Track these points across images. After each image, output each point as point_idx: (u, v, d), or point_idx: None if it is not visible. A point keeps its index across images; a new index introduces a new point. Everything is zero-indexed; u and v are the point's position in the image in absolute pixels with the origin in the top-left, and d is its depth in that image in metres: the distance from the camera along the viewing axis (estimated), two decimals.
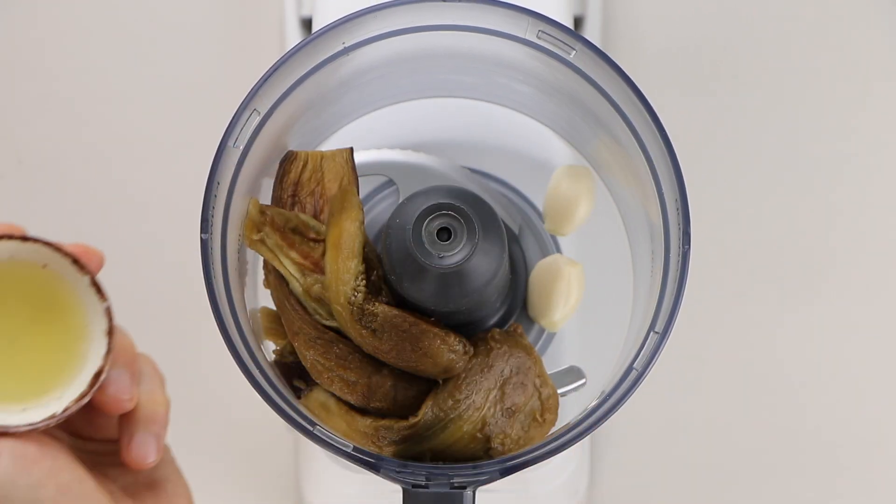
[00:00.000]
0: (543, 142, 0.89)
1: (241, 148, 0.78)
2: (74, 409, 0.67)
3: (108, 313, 0.69)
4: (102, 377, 0.68)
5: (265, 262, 0.79)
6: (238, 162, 0.78)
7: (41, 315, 0.69)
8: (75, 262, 0.69)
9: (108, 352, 0.68)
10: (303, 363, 0.79)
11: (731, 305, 1.14)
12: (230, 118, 0.77)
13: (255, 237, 0.79)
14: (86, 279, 0.69)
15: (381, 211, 0.87)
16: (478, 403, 0.78)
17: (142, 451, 0.69)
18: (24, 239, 0.68)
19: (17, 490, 0.64)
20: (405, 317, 0.77)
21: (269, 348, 0.81)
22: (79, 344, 0.69)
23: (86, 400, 0.67)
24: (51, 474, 0.65)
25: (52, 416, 0.67)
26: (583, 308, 0.86)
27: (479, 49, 0.80)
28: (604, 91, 0.78)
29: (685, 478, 1.13)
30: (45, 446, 0.66)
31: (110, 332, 0.69)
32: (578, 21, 1.14)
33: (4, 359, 0.68)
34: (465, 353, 0.78)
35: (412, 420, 0.78)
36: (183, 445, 0.90)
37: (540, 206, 0.88)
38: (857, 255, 1.14)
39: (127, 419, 0.69)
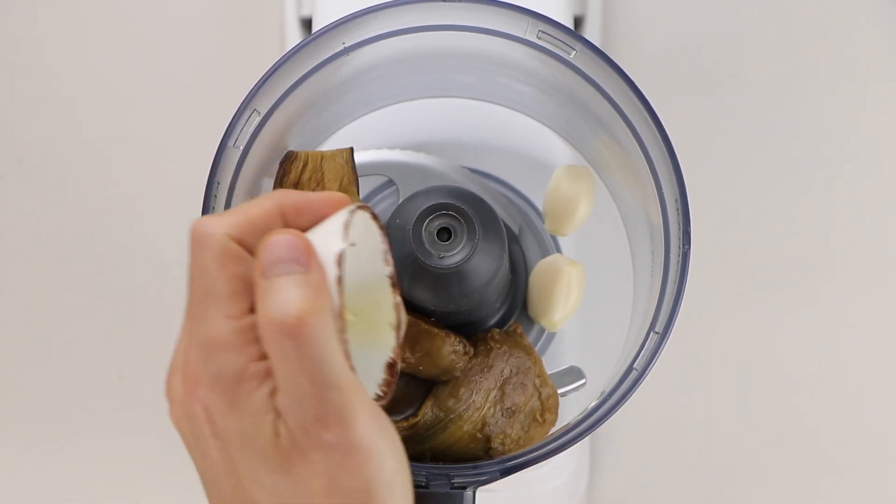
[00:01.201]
0: (543, 142, 0.88)
1: (241, 148, 0.78)
2: (391, 395, 0.66)
3: (398, 308, 0.66)
4: (397, 367, 0.66)
5: None
6: (238, 162, 0.78)
7: None
8: (386, 251, 0.66)
9: (398, 344, 0.66)
10: None
11: (730, 305, 1.14)
12: (230, 118, 0.77)
13: None
14: (388, 270, 0.66)
15: (381, 211, 0.87)
16: (478, 403, 0.78)
17: None
18: (374, 216, 0.65)
19: (391, 442, 0.63)
20: None
21: None
22: (365, 332, 0.67)
23: (394, 386, 0.65)
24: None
25: (378, 397, 0.65)
26: (583, 308, 0.86)
27: (479, 49, 0.80)
28: (604, 91, 0.78)
29: (685, 478, 1.13)
30: None
31: (399, 326, 0.66)
32: (578, 21, 1.14)
33: None
34: (466, 353, 0.78)
35: (412, 420, 0.78)
36: (182, 445, 0.89)
37: (540, 206, 0.88)
38: (857, 255, 1.14)
39: None
